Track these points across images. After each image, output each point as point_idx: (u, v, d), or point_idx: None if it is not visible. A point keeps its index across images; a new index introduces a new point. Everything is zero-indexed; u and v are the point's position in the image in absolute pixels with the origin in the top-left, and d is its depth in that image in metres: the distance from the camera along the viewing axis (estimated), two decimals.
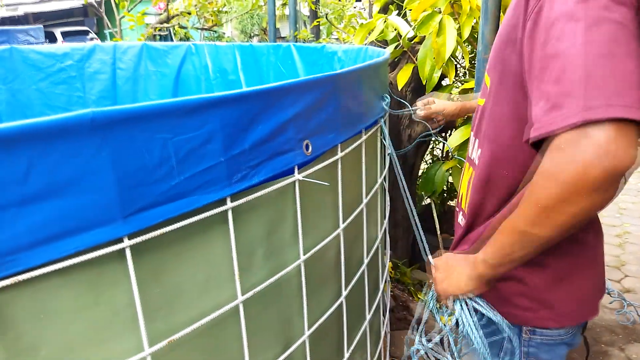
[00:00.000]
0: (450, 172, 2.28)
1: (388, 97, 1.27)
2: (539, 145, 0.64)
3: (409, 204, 0.92)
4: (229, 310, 0.71)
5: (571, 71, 0.56)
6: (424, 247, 0.88)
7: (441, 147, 3.13)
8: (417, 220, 0.87)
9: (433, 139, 2.74)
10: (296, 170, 0.78)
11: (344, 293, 1.00)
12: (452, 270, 0.81)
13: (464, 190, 0.94)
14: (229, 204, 0.67)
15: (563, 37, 0.59)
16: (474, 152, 0.89)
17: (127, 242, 0.55)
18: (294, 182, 0.78)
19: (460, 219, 0.94)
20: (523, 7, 0.68)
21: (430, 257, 0.85)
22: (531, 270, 0.80)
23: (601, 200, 0.57)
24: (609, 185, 0.55)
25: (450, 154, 2.43)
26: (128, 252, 0.56)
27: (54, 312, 0.53)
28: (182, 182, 0.59)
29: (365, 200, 1.08)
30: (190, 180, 0.60)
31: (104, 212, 0.52)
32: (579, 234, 0.77)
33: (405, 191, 0.92)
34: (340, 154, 0.90)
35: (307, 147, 0.78)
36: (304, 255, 0.84)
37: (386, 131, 1.19)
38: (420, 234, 0.90)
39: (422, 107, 1.42)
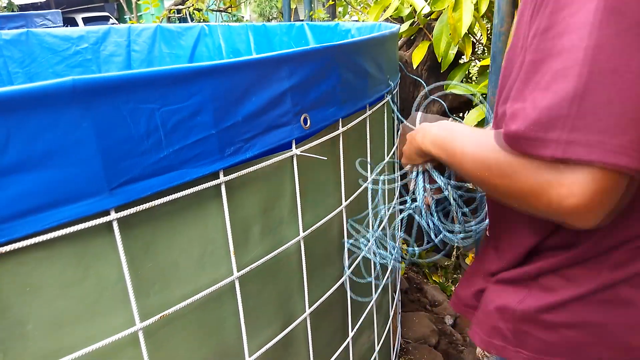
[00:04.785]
0: None
1: (398, 72, 1.24)
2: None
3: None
4: (225, 286, 0.70)
5: (569, 81, 0.44)
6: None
7: None
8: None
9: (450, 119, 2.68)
10: (294, 145, 0.75)
11: (347, 272, 0.98)
12: (409, 143, 0.82)
13: None
14: (222, 178, 0.65)
15: (569, 30, 0.46)
16: None
17: (114, 215, 0.54)
18: (292, 157, 0.76)
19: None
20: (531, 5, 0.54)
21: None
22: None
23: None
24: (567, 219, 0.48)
25: None
26: (115, 225, 0.55)
27: (39, 286, 0.52)
28: (170, 154, 0.58)
29: (370, 178, 1.06)
30: (179, 152, 0.59)
31: (88, 183, 0.51)
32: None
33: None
34: (341, 129, 0.88)
35: (305, 121, 0.76)
36: (304, 232, 0.82)
37: (394, 107, 1.15)
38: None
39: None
